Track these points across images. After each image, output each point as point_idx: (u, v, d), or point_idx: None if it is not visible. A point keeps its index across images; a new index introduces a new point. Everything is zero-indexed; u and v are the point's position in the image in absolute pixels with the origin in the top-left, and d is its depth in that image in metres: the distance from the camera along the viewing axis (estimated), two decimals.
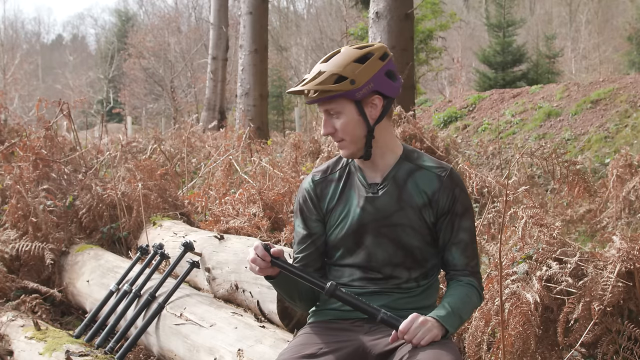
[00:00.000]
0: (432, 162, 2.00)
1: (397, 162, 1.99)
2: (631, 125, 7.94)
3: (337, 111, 1.92)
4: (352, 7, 17.91)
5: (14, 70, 30.24)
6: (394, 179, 1.98)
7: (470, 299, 1.93)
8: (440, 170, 1.97)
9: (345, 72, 1.88)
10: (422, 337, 1.76)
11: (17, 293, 3.89)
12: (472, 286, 1.95)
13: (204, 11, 30.75)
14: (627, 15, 21.94)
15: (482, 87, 15.40)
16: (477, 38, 27.93)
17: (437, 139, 6.44)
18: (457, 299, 1.90)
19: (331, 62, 1.91)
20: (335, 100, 1.90)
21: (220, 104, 15.99)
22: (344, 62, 1.89)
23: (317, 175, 2.08)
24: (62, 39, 54.61)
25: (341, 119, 1.92)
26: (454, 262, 1.98)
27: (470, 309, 1.94)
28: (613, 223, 4.68)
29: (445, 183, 1.95)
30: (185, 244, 3.30)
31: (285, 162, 6.15)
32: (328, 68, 1.90)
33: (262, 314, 2.86)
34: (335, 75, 1.88)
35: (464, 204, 1.98)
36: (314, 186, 2.06)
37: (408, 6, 6.60)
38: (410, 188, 1.97)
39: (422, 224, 1.96)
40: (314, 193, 2.05)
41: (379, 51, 1.92)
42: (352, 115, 1.92)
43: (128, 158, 6.82)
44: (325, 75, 1.88)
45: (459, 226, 1.96)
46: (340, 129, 1.92)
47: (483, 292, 2.03)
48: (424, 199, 1.96)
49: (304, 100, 1.98)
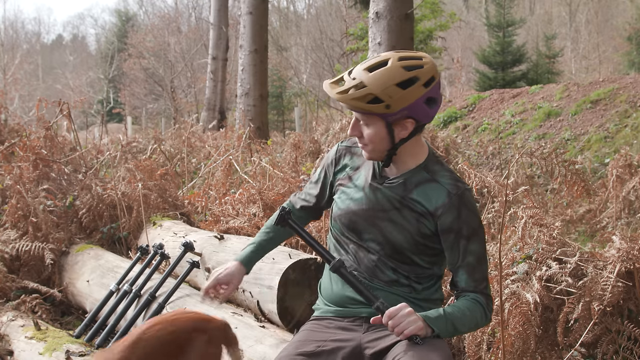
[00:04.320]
0: (449, 178, 1.94)
1: (414, 169, 1.96)
2: (631, 125, 7.94)
3: (366, 122, 1.90)
4: (351, 7, 17.90)
5: (14, 70, 30.24)
6: (404, 181, 1.95)
7: (471, 313, 1.88)
8: (452, 188, 1.91)
9: (383, 95, 1.80)
10: (405, 327, 1.75)
11: (17, 293, 3.89)
12: (477, 302, 1.90)
13: (204, 11, 30.75)
14: (627, 15, 21.94)
15: (482, 87, 15.40)
16: (477, 38, 27.92)
17: (437, 139, 6.44)
18: (455, 309, 1.87)
19: (374, 77, 1.81)
20: (366, 114, 1.87)
21: (220, 104, 15.99)
22: (386, 82, 1.80)
23: (343, 143, 2.14)
24: (62, 39, 54.62)
25: (369, 129, 1.89)
26: (462, 285, 1.93)
27: (469, 322, 1.88)
28: (613, 223, 4.68)
29: (453, 201, 1.89)
30: (185, 244, 3.30)
31: (285, 162, 6.15)
32: (368, 83, 1.81)
33: (262, 314, 2.87)
34: (372, 95, 1.81)
35: (472, 226, 1.90)
36: (337, 151, 2.13)
37: (408, 6, 6.60)
38: (416, 195, 1.93)
39: (416, 230, 1.92)
40: (335, 157, 2.12)
41: (426, 76, 1.84)
42: (379, 131, 1.88)
43: (128, 158, 6.83)
44: (362, 92, 1.82)
45: (465, 249, 1.90)
46: (366, 136, 1.91)
47: (492, 314, 1.96)
48: (427, 208, 1.92)
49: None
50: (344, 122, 6.57)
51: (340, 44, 20.80)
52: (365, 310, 1.94)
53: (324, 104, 17.95)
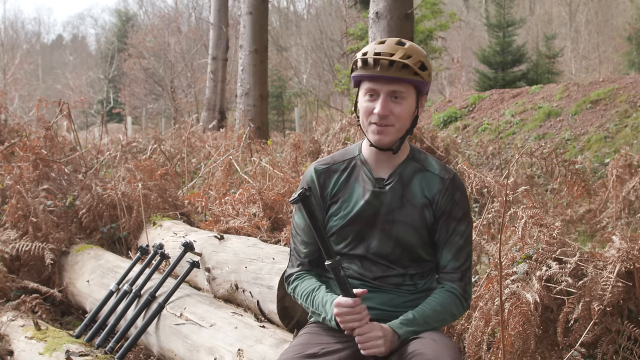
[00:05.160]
0: (437, 165, 2.04)
1: (404, 161, 2.02)
2: (631, 125, 7.94)
3: (403, 96, 1.92)
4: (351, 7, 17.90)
5: (14, 70, 30.24)
6: (400, 176, 2.00)
7: (445, 308, 1.94)
8: (444, 174, 2.01)
9: (427, 63, 1.93)
10: (369, 347, 1.82)
11: (17, 293, 3.89)
12: (452, 294, 1.97)
13: (204, 11, 30.75)
14: (627, 15, 21.93)
15: (482, 87, 15.40)
16: (477, 38, 27.92)
17: (437, 139, 6.44)
18: (427, 308, 1.92)
19: (411, 49, 1.91)
20: (407, 84, 1.91)
21: (220, 104, 15.99)
22: (422, 53, 1.93)
23: (320, 165, 2.09)
24: (62, 39, 54.63)
25: (402, 105, 1.93)
26: (444, 264, 2.00)
27: (444, 317, 1.95)
28: (613, 223, 4.68)
29: (447, 186, 1.99)
30: (185, 244, 3.30)
31: (285, 162, 6.15)
32: (413, 53, 1.90)
33: (262, 314, 2.86)
34: (421, 62, 1.91)
35: (463, 208, 2.00)
36: (316, 176, 2.06)
37: (408, 6, 6.60)
38: (413, 187, 1.99)
39: (421, 223, 1.98)
40: (317, 183, 2.05)
41: None
42: (411, 105, 1.95)
43: (128, 158, 6.83)
44: (414, 59, 1.89)
45: (454, 229, 1.99)
46: (397, 114, 1.92)
47: (470, 300, 2.03)
48: (426, 199, 1.98)
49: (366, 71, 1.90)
50: (344, 122, 6.57)
51: (340, 44, 20.79)
52: (371, 313, 1.94)
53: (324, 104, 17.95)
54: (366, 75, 1.91)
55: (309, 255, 2.08)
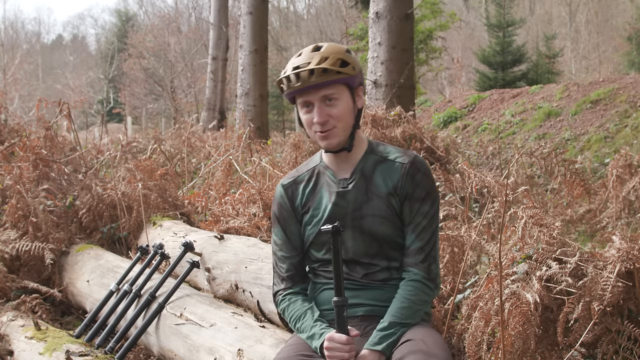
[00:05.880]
0: (397, 152, 2.06)
1: (363, 156, 2.05)
2: (631, 125, 7.94)
3: (336, 97, 1.95)
4: (352, 7, 17.92)
5: (14, 70, 30.25)
6: (362, 171, 2.03)
7: (413, 301, 1.93)
8: (403, 158, 2.03)
9: (347, 58, 1.95)
10: None
11: (17, 293, 3.89)
12: (417, 282, 1.95)
13: (204, 11, 30.76)
14: (627, 15, 21.94)
15: (482, 87, 15.41)
16: (477, 38, 27.93)
17: (437, 139, 6.43)
18: (398, 307, 1.92)
19: (327, 50, 1.96)
20: (335, 85, 1.94)
21: (220, 104, 16.00)
22: (339, 50, 1.97)
23: (285, 180, 2.15)
24: (62, 39, 54.64)
25: (338, 106, 1.96)
26: (409, 245, 2.00)
27: (417, 309, 1.94)
28: (613, 223, 4.68)
29: (407, 170, 2.00)
30: (185, 244, 3.30)
31: (285, 162, 6.15)
32: (329, 53, 1.94)
33: (262, 314, 2.86)
34: (340, 59, 1.94)
35: (425, 189, 2.00)
36: (284, 191, 2.12)
37: (408, 6, 6.60)
38: (376, 179, 2.02)
39: (390, 212, 2.00)
40: (286, 197, 2.11)
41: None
42: (347, 101, 1.98)
43: (128, 158, 6.83)
44: (332, 60, 1.93)
45: (417, 210, 1.99)
46: (335, 115, 1.95)
47: (438, 278, 2.02)
48: (390, 188, 2.00)
49: (292, 88, 1.94)
50: None
51: (340, 44, 20.77)
52: (361, 309, 1.98)
53: None
54: (294, 91, 1.95)
55: (290, 269, 2.10)
